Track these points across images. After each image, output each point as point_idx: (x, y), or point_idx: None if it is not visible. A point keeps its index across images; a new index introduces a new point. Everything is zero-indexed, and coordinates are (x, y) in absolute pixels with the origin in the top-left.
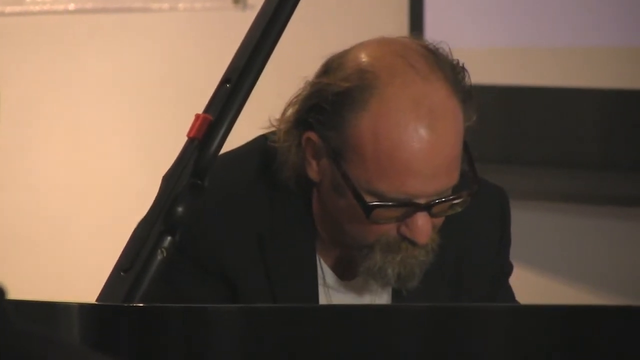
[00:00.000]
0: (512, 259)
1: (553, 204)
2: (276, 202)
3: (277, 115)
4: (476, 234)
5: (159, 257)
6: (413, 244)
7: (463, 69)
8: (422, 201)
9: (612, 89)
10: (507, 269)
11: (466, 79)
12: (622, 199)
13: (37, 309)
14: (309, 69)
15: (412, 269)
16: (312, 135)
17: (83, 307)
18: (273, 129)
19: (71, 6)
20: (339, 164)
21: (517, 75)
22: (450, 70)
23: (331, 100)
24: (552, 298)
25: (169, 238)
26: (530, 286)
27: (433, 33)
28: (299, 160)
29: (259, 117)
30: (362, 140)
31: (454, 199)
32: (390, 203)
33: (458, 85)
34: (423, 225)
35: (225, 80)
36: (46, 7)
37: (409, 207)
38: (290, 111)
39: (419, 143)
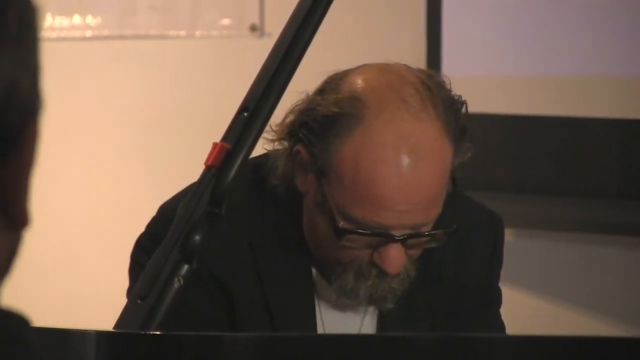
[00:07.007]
0: (526, 287)
1: (566, 233)
2: (267, 210)
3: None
4: (469, 255)
5: (176, 285)
6: (383, 272)
7: (460, 102)
8: (396, 233)
9: (630, 119)
10: (495, 293)
11: (462, 111)
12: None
13: (53, 336)
14: None
15: (383, 294)
16: (302, 149)
17: (100, 335)
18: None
19: (88, 33)
20: (320, 182)
21: (533, 105)
22: (444, 108)
23: (320, 122)
24: (566, 328)
25: (185, 266)
26: (544, 316)
27: (450, 60)
28: (287, 170)
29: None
30: (342, 167)
31: (428, 236)
32: (362, 231)
33: (451, 123)
34: (395, 257)
35: (243, 108)
36: (63, 34)
37: (382, 237)
38: (287, 120)
39: (396, 180)
